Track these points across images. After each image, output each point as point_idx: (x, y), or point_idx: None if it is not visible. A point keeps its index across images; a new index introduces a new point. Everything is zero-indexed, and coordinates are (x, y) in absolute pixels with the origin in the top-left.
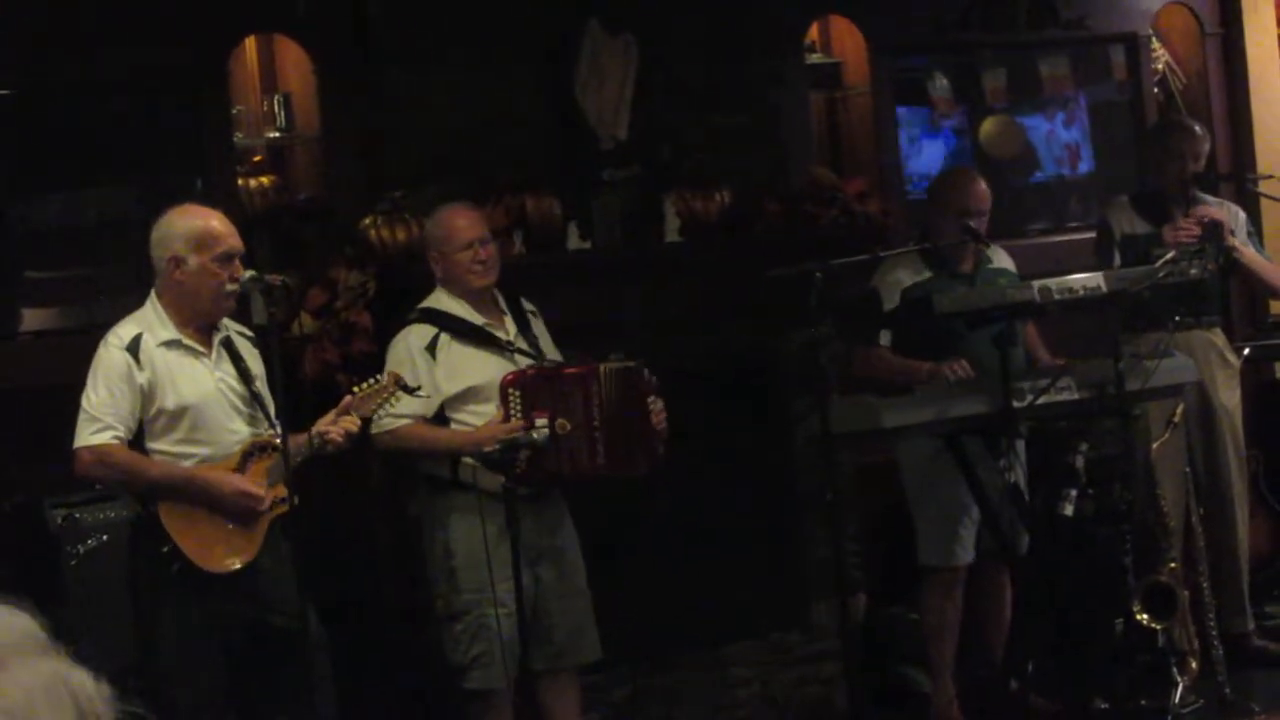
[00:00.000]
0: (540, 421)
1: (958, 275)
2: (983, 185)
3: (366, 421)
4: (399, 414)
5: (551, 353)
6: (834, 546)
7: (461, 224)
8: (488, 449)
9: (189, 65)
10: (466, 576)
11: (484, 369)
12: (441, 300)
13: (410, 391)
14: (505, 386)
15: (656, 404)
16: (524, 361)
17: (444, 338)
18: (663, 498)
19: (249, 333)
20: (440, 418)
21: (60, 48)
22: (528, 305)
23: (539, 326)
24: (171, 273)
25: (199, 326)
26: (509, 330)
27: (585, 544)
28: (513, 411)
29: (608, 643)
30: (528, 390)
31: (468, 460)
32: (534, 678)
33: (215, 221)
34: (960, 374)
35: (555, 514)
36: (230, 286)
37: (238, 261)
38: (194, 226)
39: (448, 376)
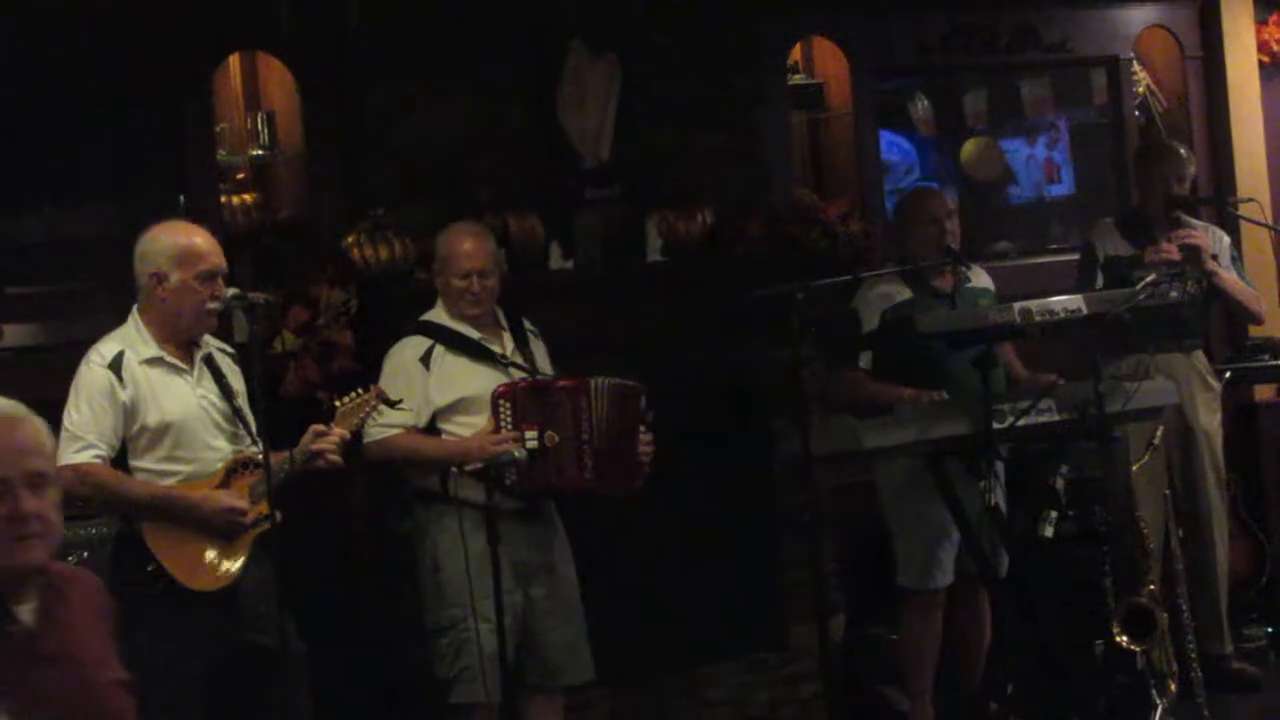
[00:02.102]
0: (529, 434)
1: (938, 295)
2: (945, 196)
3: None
4: (389, 423)
5: (547, 372)
6: (813, 567)
7: (467, 249)
8: (469, 468)
9: (172, 82)
10: (452, 590)
11: (476, 380)
12: (441, 314)
13: (392, 405)
14: (496, 398)
15: (646, 435)
16: (518, 375)
17: (438, 349)
18: (641, 516)
19: (230, 349)
20: (432, 429)
21: (43, 62)
22: (529, 326)
23: (538, 346)
24: (154, 289)
25: (180, 343)
26: (505, 346)
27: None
28: (503, 422)
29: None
30: (518, 402)
31: (457, 473)
32: (521, 693)
33: (199, 239)
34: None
35: (548, 531)
36: (212, 304)
37: (220, 280)
38: (178, 243)
39: (440, 387)
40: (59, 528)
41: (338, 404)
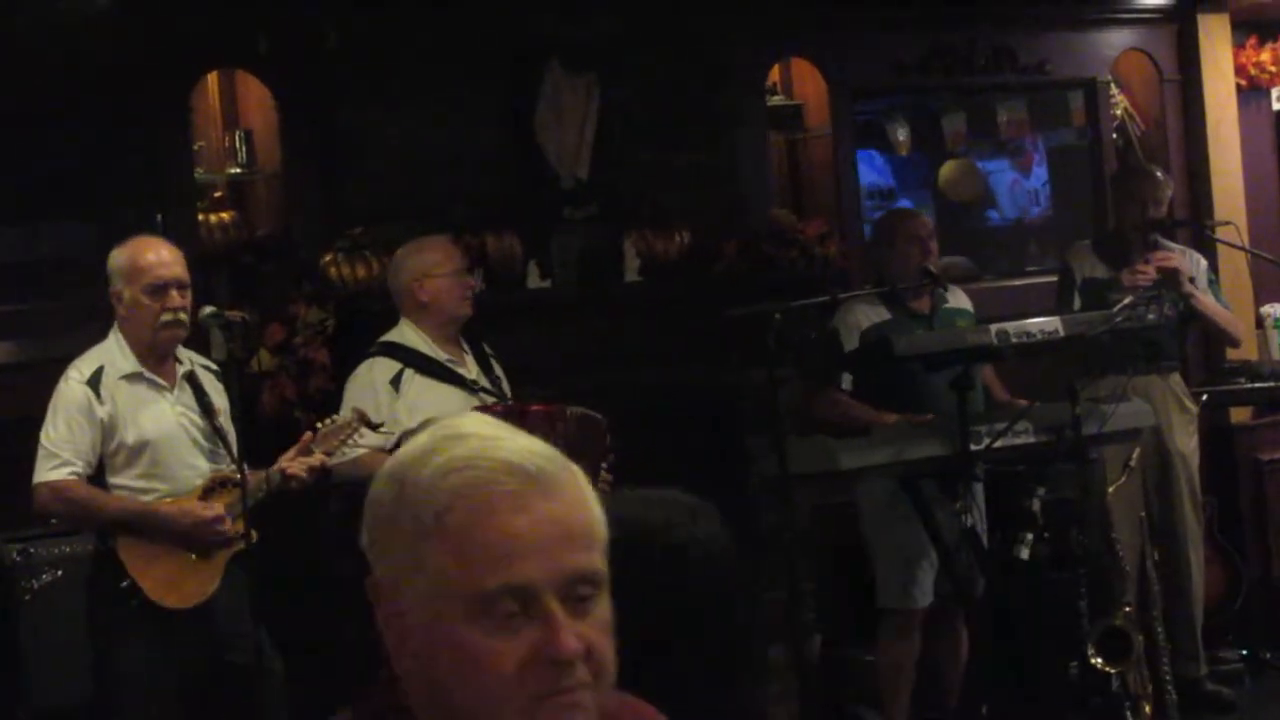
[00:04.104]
0: None
1: (916, 316)
2: (925, 217)
3: (328, 456)
4: (359, 443)
5: (509, 395)
6: (790, 587)
7: (452, 254)
8: None
9: (150, 100)
10: None
11: (446, 403)
12: (405, 334)
13: (374, 428)
14: None
15: (606, 475)
16: (488, 399)
17: (408, 373)
18: None
19: (215, 367)
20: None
21: (20, 79)
22: (488, 350)
23: (498, 369)
24: (117, 307)
25: (157, 359)
26: (471, 369)
27: None
28: None
29: None
30: None
31: None
32: None
33: (149, 253)
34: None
35: None
36: (165, 317)
37: (173, 292)
38: (125, 260)
39: (409, 410)
40: (612, 664)
41: (319, 426)
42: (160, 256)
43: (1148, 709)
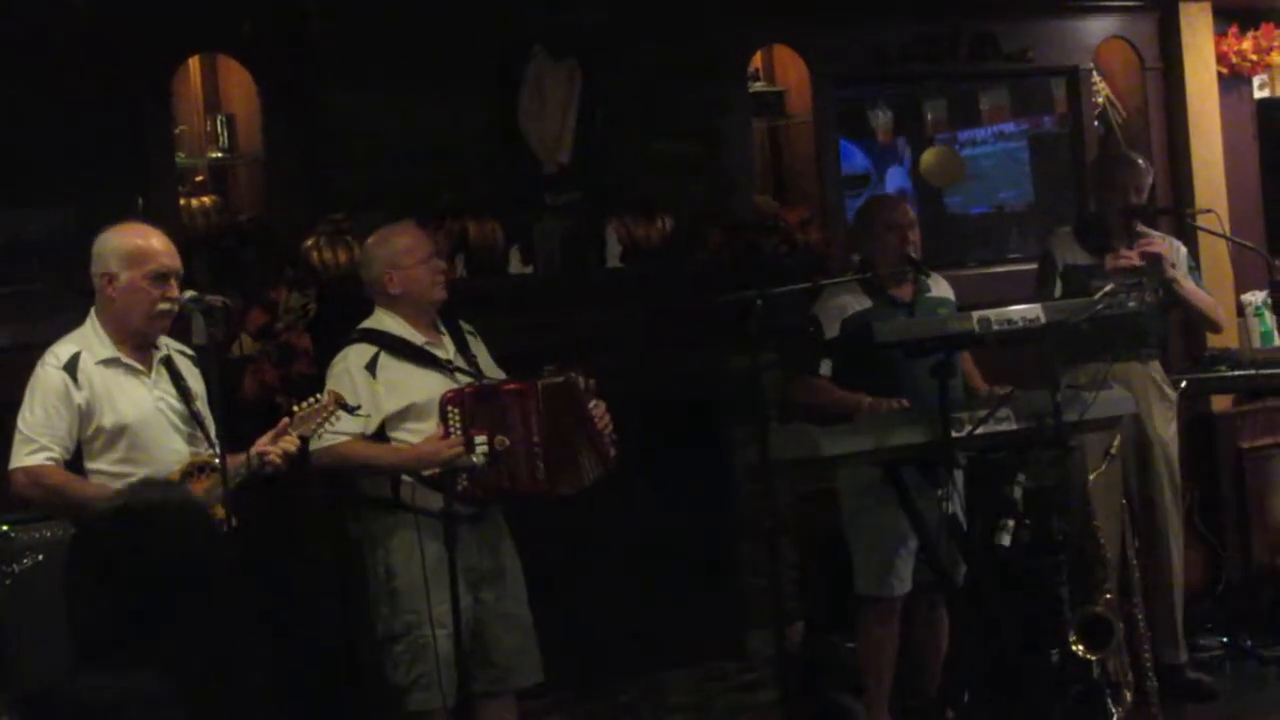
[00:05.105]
0: (479, 439)
1: (897, 304)
2: (906, 204)
3: (305, 441)
4: (338, 431)
5: (491, 371)
6: (772, 575)
7: (421, 240)
8: (427, 474)
9: (132, 84)
10: (407, 597)
11: (424, 387)
12: (382, 321)
13: (350, 411)
14: (444, 404)
15: (599, 407)
16: (464, 380)
17: (384, 356)
18: (600, 523)
19: (190, 352)
20: (380, 436)
21: (0, 63)
22: (465, 326)
23: (478, 346)
24: (105, 289)
25: (136, 345)
26: (448, 349)
27: (522, 568)
28: (451, 429)
29: (544, 668)
30: (466, 408)
31: (408, 480)
32: (472, 700)
33: (151, 240)
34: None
35: (496, 536)
36: (162, 306)
37: (173, 281)
38: (127, 244)
39: (388, 394)
40: None
41: (295, 409)
42: (165, 245)
43: (1128, 696)
